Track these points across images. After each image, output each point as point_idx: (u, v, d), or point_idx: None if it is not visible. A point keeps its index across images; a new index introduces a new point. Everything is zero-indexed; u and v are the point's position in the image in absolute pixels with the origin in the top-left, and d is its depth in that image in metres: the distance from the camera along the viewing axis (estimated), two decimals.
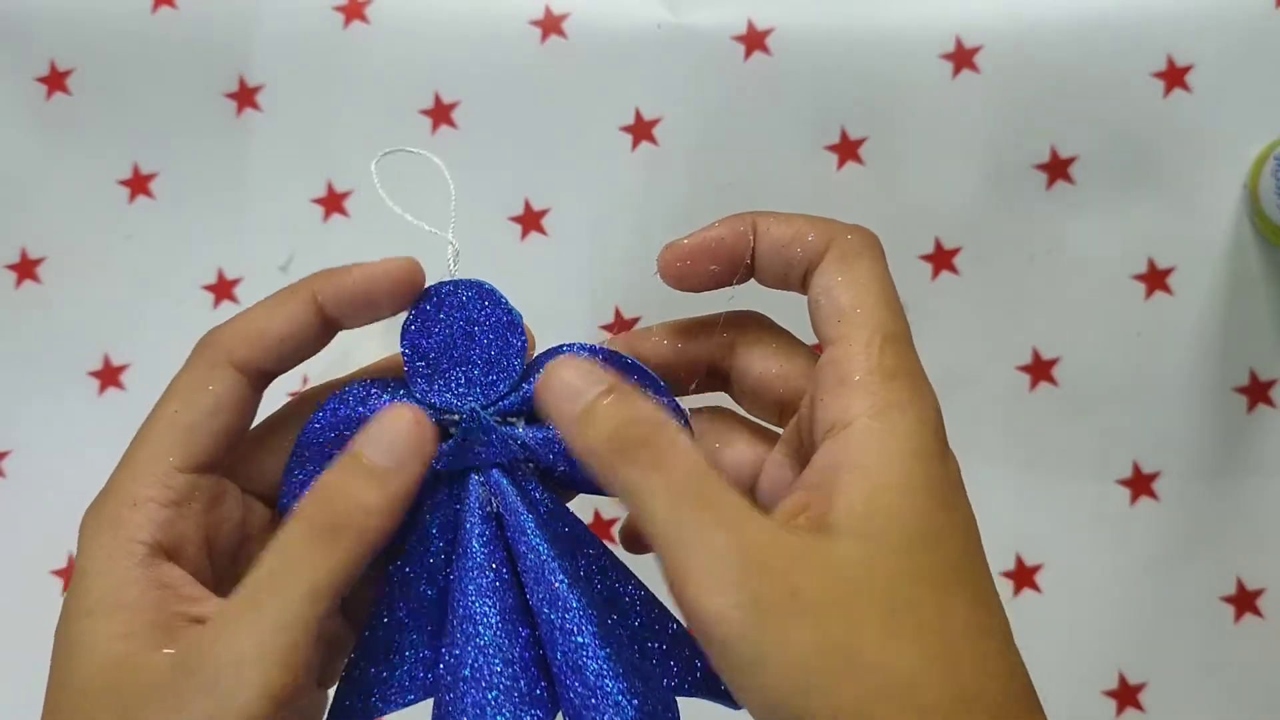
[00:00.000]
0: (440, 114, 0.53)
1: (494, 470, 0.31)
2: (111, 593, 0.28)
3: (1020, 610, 0.50)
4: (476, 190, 0.53)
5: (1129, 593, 0.50)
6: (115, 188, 0.54)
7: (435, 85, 0.53)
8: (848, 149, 0.52)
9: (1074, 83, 0.51)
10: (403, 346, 0.32)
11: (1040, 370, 0.51)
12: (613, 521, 0.51)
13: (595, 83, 0.53)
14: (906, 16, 0.52)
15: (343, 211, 0.53)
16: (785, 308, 0.33)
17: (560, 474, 0.32)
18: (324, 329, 0.32)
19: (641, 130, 0.53)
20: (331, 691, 0.33)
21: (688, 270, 0.31)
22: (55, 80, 0.53)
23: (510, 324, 0.32)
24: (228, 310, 0.53)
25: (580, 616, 0.29)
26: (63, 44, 0.53)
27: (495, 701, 0.29)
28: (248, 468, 0.32)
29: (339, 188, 0.53)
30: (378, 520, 0.28)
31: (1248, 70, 0.51)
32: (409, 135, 0.53)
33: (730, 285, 0.32)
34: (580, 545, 0.32)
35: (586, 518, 0.51)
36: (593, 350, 0.32)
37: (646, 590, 0.32)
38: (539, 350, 0.32)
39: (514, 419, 0.32)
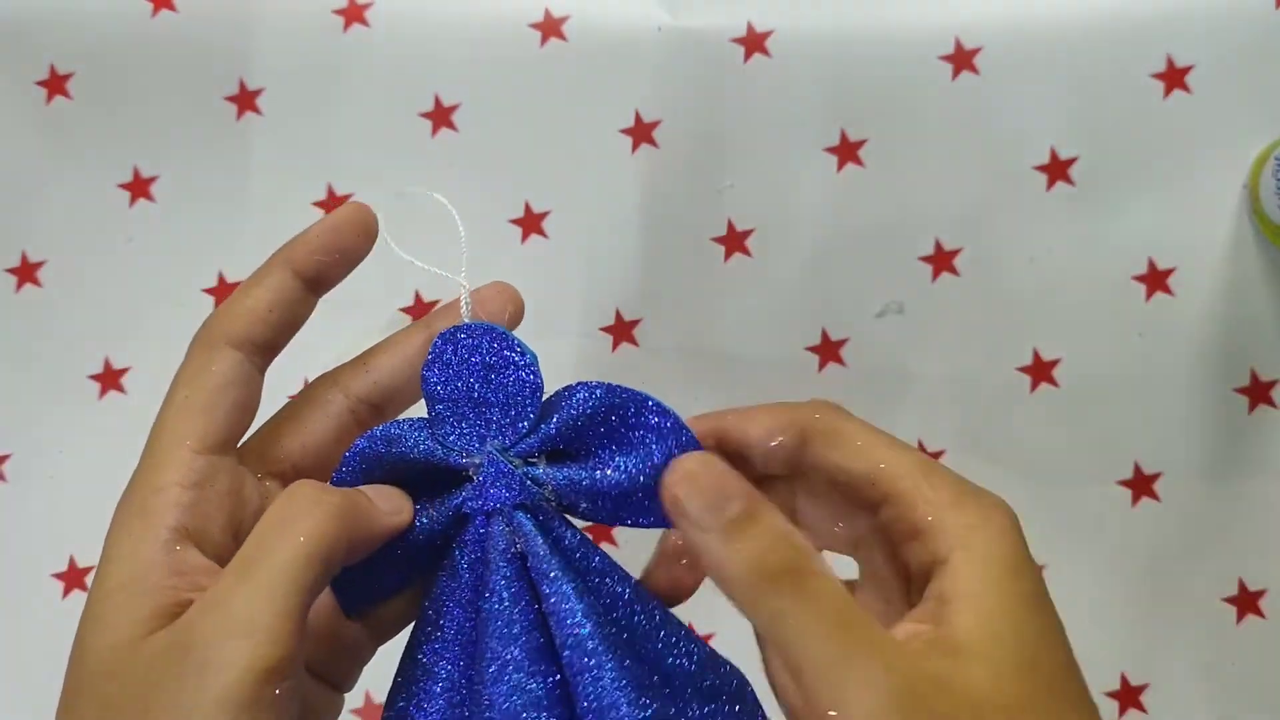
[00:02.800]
0: (440, 117, 0.53)
1: (517, 511, 0.31)
2: (134, 578, 0.28)
3: None
4: (476, 193, 0.53)
5: (1130, 594, 0.50)
6: (115, 191, 0.54)
7: (435, 88, 0.53)
8: (848, 151, 0.52)
9: (1074, 84, 0.51)
10: (423, 390, 0.32)
11: (1041, 371, 0.51)
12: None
13: (595, 85, 0.53)
14: (906, 18, 0.52)
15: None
16: None
17: (583, 510, 0.32)
18: (306, 291, 0.33)
19: (641, 133, 0.53)
20: (348, 696, 0.33)
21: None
22: (55, 84, 0.54)
23: (525, 365, 0.32)
24: None
25: (603, 658, 0.29)
26: (62, 48, 0.53)
27: None
28: (266, 451, 0.33)
29: (339, 190, 0.53)
30: (380, 537, 0.30)
31: (1248, 71, 0.51)
32: (409, 138, 0.53)
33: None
34: (604, 577, 0.32)
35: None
36: (610, 389, 0.31)
37: (672, 616, 0.32)
38: (551, 389, 0.33)
39: (535, 459, 0.32)
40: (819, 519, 0.32)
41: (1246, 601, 0.50)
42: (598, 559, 0.32)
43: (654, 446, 0.31)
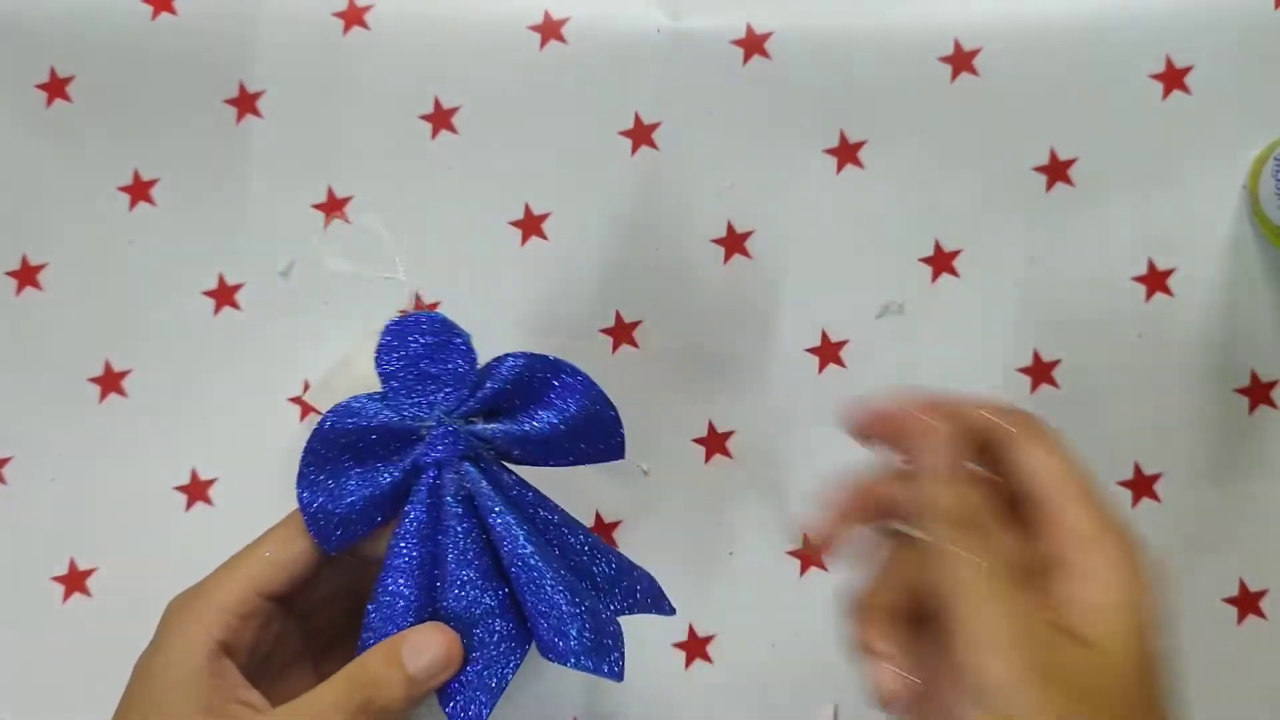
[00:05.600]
0: (440, 119, 0.53)
1: (464, 462, 0.39)
2: (189, 675, 0.37)
3: None
4: (477, 195, 0.53)
5: None
6: (116, 194, 0.54)
7: (435, 90, 0.53)
8: (847, 152, 0.52)
9: (1073, 85, 0.51)
10: (378, 370, 0.39)
11: (1040, 372, 0.51)
12: (614, 525, 0.51)
13: (595, 87, 0.53)
14: (905, 19, 0.52)
15: (343, 217, 0.53)
16: None
17: (516, 456, 0.40)
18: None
19: (641, 134, 0.53)
20: None
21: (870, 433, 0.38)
22: (55, 87, 0.54)
23: (463, 344, 0.39)
24: (229, 316, 0.53)
25: (543, 570, 0.37)
26: (63, 51, 0.54)
27: (482, 640, 0.37)
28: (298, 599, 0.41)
29: (339, 193, 0.53)
30: (400, 713, 0.37)
31: (1247, 71, 0.51)
32: (409, 140, 0.53)
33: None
34: (538, 509, 0.40)
35: (587, 519, 0.51)
36: (530, 357, 0.39)
37: (593, 536, 0.41)
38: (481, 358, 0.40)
39: (474, 419, 0.40)
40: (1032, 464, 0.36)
41: (1247, 602, 0.50)
42: (530, 494, 0.40)
43: (569, 400, 0.40)
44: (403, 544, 0.38)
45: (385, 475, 0.39)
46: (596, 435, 0.40)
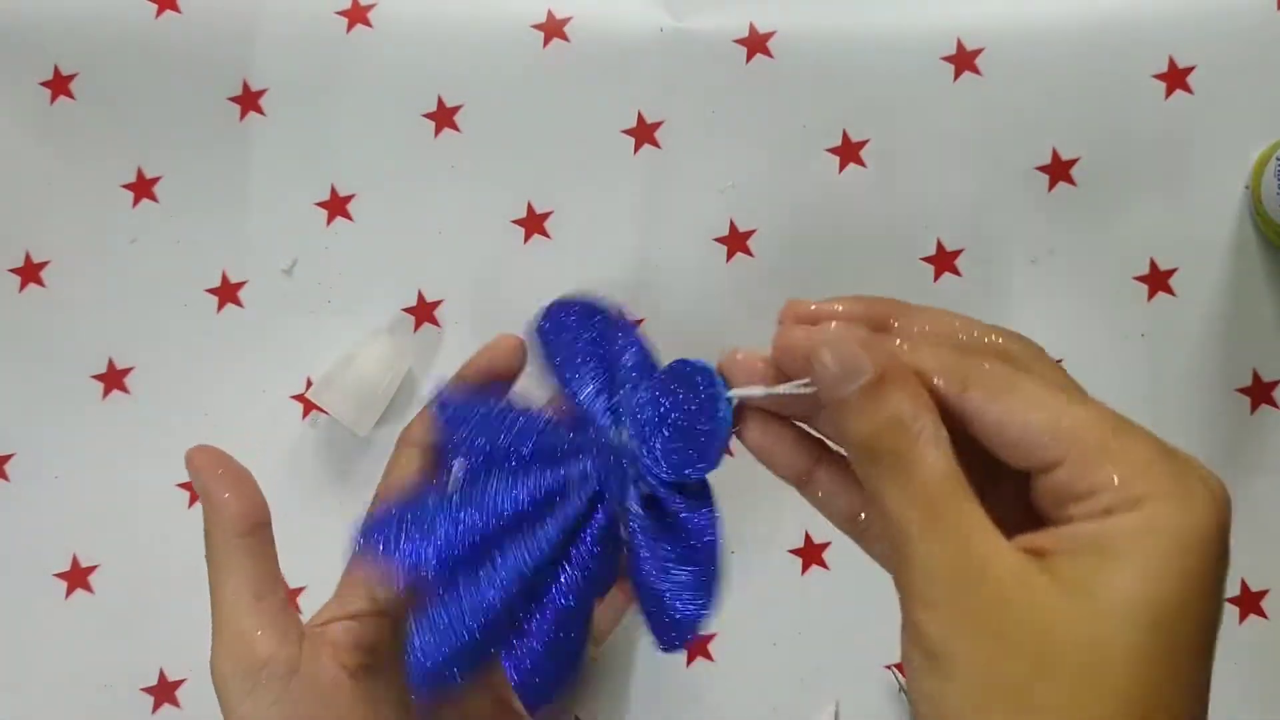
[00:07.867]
0: (443, 117, 0.53)
1: (638, 508, 0.33)
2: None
3: None
4: (479, 193, 0.53)
5: None
6: (119, 191, 0.54)
7: (438, 89, 0.53)
8: (849, 151, 0.52)
9: (1075, 84, 0.51)
10: (646, 365, 0.36)
11: None
12: None
13: (598, 86, 0.53)
14: (908, 19, 0.52)
15: (346, 215, 0.53)
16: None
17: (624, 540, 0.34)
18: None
19: (644, 133, 0.53)
20: None
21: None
22: (59, 84, 0.54)
23: (716, 434, 0.33)
24: (231, 313, 0.53)
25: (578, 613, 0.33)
26: (66, 49, 0.54)
27: (458, 624, 0.32)
28: None
29: (342, 191, 0.53)
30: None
31: (1249, 71, 0.51)
32: (412, 139, 0.53)
33: None
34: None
35: None
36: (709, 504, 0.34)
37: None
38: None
39: (649, 487, 0.33)
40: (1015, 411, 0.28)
41: (1249, 602, 0.50)
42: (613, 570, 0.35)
43: (698, 545, 0.33)
44: (503, 482, 0.34)
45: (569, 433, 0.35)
46: (685, 589, 0.33)
